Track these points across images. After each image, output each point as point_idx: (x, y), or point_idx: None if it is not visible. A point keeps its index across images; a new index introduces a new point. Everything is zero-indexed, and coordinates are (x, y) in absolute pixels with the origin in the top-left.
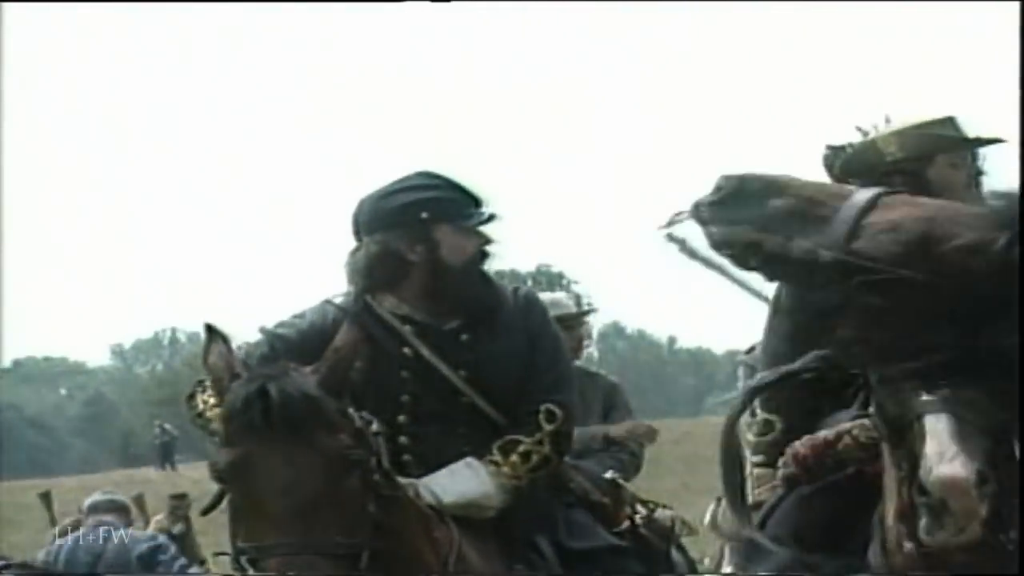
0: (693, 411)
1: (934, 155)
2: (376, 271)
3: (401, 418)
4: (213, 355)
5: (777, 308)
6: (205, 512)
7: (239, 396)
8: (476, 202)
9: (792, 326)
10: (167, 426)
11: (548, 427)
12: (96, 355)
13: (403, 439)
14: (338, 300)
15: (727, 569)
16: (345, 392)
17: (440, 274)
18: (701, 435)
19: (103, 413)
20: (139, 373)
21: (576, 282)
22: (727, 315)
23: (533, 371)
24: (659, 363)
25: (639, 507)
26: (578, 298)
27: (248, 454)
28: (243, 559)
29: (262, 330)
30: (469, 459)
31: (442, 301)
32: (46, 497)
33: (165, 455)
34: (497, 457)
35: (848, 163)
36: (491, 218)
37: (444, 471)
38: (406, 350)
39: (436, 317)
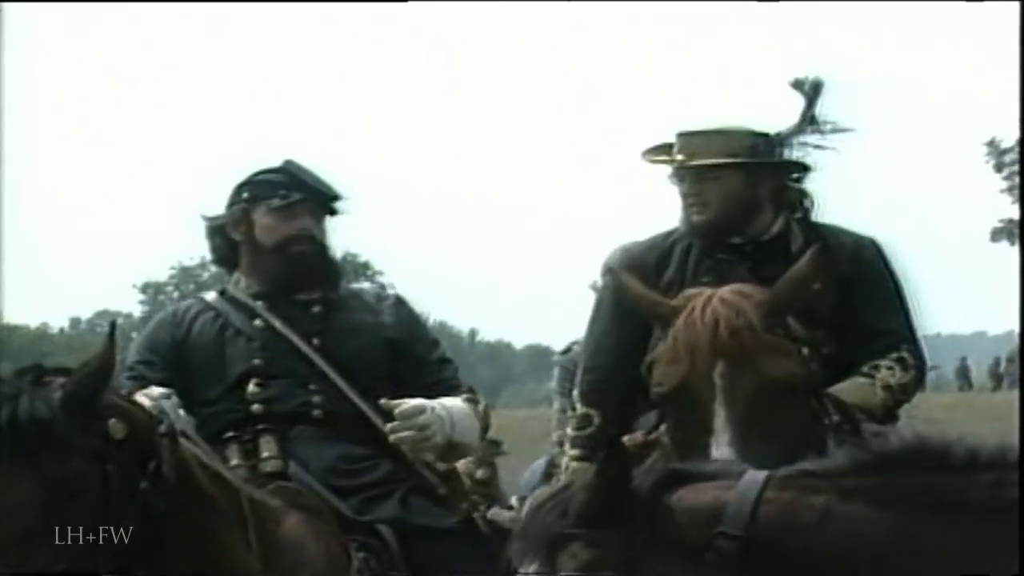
0: (490, 403)
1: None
2: (211, 248)
3: (253, 380)
4: None
5: (600, 306)
6: None
7: None
8: (306, 188)
9: (614, 322)
10: None
11: (480, 406)
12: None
13: (252, 388)
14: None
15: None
16: (93, 406)
17: (257, 252)
18: (498, 427)
19: None
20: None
21: (381, 272)
22: (527, 310)
23: (423, 358)
24: (459, 354)
25: (477, 500)
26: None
27: None
28: None
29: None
30: (457, 399)
31: (270, 276)
32: None
33: None
34: (474, 399)
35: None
36: (298, 201)
37: (448, 403)
38: (256, 322)
39: (289, 291)
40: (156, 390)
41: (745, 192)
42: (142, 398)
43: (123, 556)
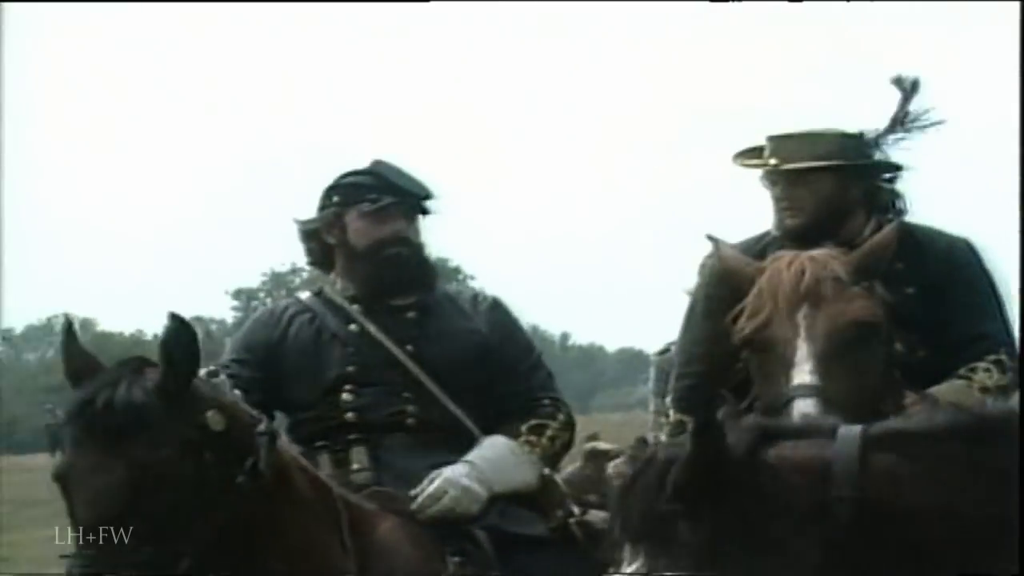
0: (583, 407)
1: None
2: (306, 251)
3: (346, 386)
4: (68, 351)
5: (693, 312)
6: None
7: (71, 403)
8: (397, 190)
9: (707, 330)
10: (59, 411)
11: (562, 416)
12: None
13: (346, 397)
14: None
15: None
16: (187, 395)
17: (351, 256)
18: (590, 431)
19: None
20: (28, 359)
21: (472, 277)
22: (620, 314)
23: (513, 365)
24: (551, 359)
25: (573, 507)
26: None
27: (73, 462)
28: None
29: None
30: (506, 442)
31: (364, 281)
32: None
33: (54, 441)
34: (532, 438)
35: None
36: (390, 204)
37: (489, 455)
38: (352, 327)
39: (384, 296)
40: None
41: (837, 195)
42: None
43: (212, 549)
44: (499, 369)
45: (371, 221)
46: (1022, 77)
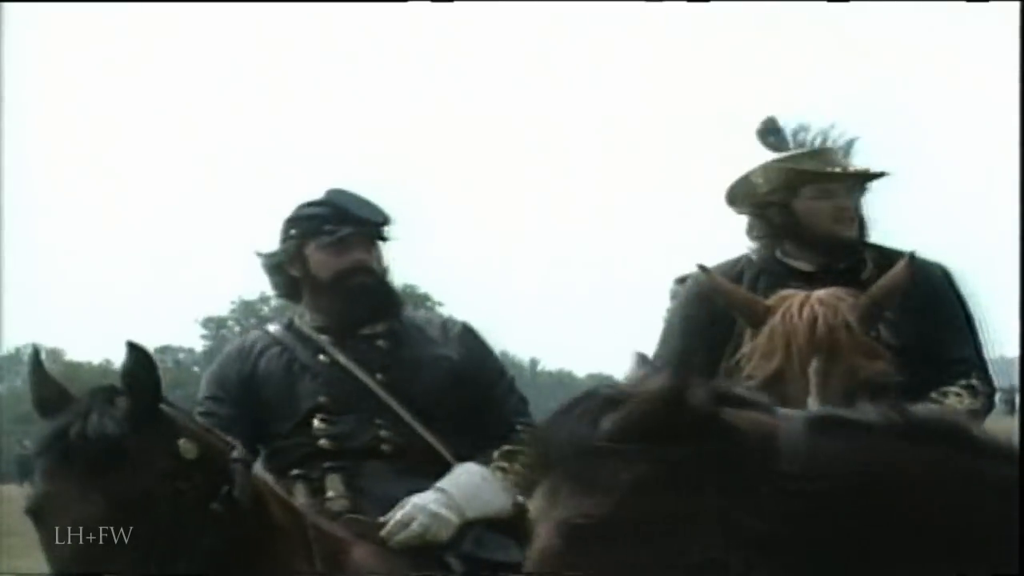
0: None
1: (797, 187)
2: (272, 284)
3: (318, 415)
4: (36, 381)
5: (670, 331)
6: None
7: (43, 434)
8: (355, 220)
9: (683, 347)
10: (27, 442)
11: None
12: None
13: (318, 424)
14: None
15: None
16: (158, 422)
17: (315, 288)
18: None
19: None
20: None
21: (440, 304)
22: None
23: (486, 391)
24: (522, 385)
25: None
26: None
27: (48, 494)
28: None
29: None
30: (479, 469)
31: (330, 312)
32: None
33: (23, 471)
34: (504, 464)
35: (731, 193)
36: (348, 235)
37: (461, 481)
38: (322, 357)
39: (352, 325)
40: None
41: (859, 207)
42: None
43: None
44: (471, 395)
45: (331, 252)
46: (1022, 77)
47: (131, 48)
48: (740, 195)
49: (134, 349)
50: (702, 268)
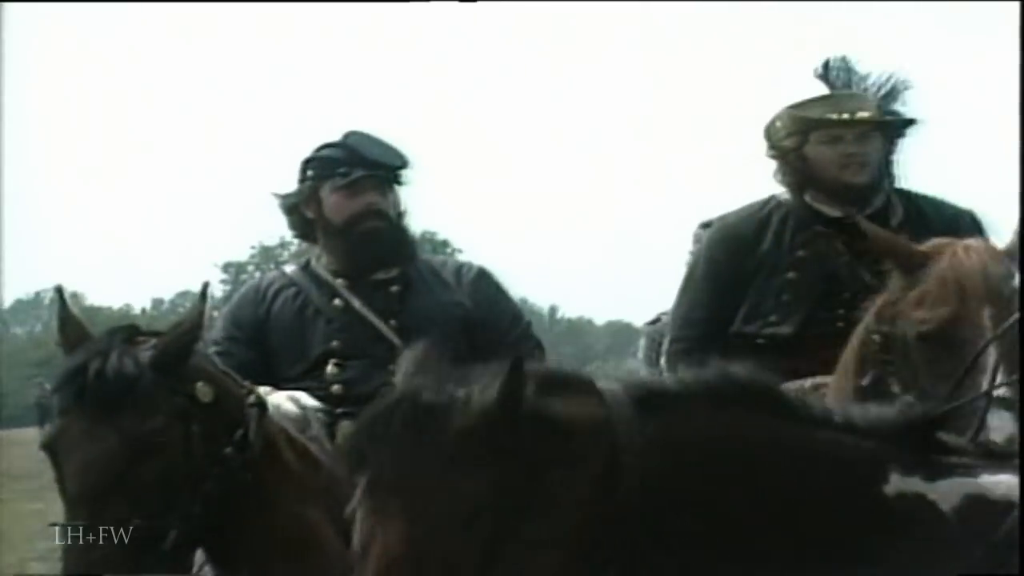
0: None
1: (807, 132)
2: (289, 224)
3: (332, 360)
4: (64, 321)
5: (692, 276)
6: None
7: (62, 371)
8: (369, 162)
9: (708, 292)
10: (47, 384)
11: None
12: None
13: (331, 369)
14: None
15: None
16: (181, 366)
17: (329, 231)
18: None
19: None
20: (17, 333)
21: (460, 250)
22: (608, 287)
23: (499, 336)
24: (540, 332)
25: None
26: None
27: (62, 431)
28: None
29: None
30: None
31: (343, 256)
32: None
33: (43, 415)
34: None
35: (765, 133)
36: (361, 178)
37: None
38: (336, 302)
39: (365, 270)
40: (310, 401)
41: (883, 153)
42: (289, 404)
43: (200, 518)
44: (485, 340)
45: (344, 195)
46: (1022, 77)
47: None
48: (767, 138)
49: (204, 297)
50: (704, 225)
